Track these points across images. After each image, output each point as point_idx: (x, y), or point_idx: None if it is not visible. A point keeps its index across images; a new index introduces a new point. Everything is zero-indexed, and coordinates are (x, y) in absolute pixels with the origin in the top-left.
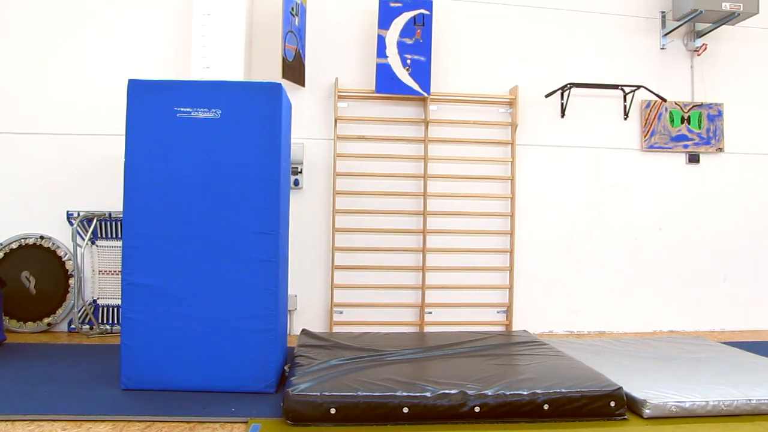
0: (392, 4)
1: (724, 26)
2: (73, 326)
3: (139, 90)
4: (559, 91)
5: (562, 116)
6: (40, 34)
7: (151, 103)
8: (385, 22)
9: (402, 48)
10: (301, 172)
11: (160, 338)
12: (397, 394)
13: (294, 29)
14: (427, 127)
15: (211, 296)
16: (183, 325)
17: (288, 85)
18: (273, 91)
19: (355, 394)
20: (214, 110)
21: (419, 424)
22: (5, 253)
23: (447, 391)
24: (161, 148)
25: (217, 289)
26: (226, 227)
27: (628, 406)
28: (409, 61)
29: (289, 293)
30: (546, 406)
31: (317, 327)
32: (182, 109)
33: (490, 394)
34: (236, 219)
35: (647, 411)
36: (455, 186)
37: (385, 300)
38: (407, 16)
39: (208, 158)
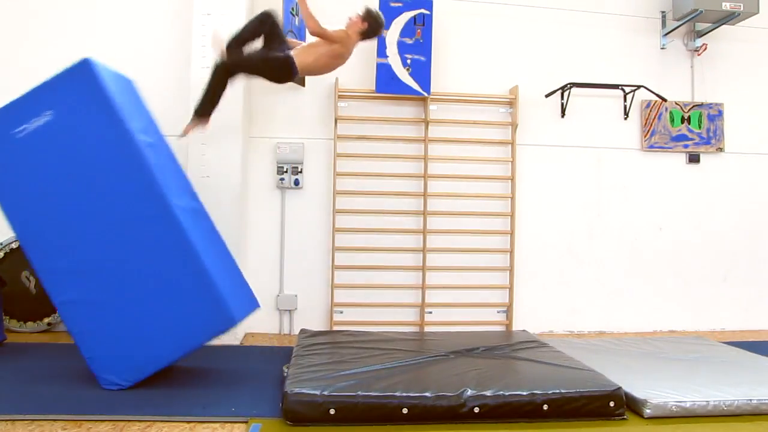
0: (392, 4)
1: (724, 26)
2: None
3: None
4: (559, 91)
5: (562, 116)
6: (39, 34)
7: None
8: (385, 22)
9: (402, 48)
10: (301, 172)
11: (115, 338)
12: (397, 394)
13: (294, 29)
14: (427, 127)
15: (136, 282)
16: (128, 318)
17: (288, 85)
18: (82, 71)
19: (354, 394)
20: (45, 114)
21: (419, 425)
22: (5, 253)
23: (446, 392)
24: (20, 176)
25: (137, 275)
26: (114, 221)
27: (628, 405)
28: (409, 61)
29: (289, 293)
30: (545, 407)
31: (317, 327)
32: (18, 129)
33: (489, 394)
34: (119, 209)
35: (648, 411)
36: (455, 186)
37: (385, 300)
38: (407, 15)
39: (65, 161)
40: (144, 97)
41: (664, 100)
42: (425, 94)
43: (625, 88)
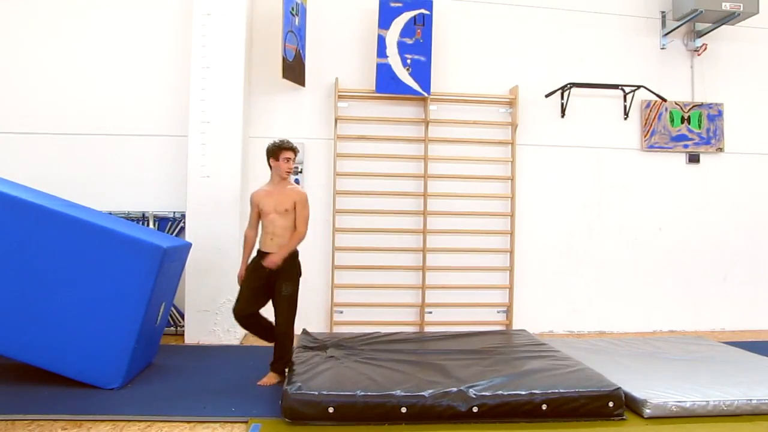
0: (392, 4)
1: (724, 26)
2: None
3: None
4: (559, 91)
5: (562, 116)
6: (40, 35)
7: None
8: (385, 22)
9: (402, 48)
10: (301, 172)
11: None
12: (396, 394)
13: (294, 29)
14: (427, 127)
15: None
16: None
17: (288, 85)
18: None
19: (353, 393)
20: None
21: (417, 424)
22: None
23: (445, 391)
24: None
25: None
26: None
27: (628, 405)
28: (409, 61)
29: None
30: (544, 406)
31: (317, 327)
32: None
33: (488, 394)
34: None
35: (648, 411)
36: (455, 186)
37: (385, 300)
38: (407, 16)
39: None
40: (144, 96)
41: (664, 100)
42: (425, 94)
43: (625, 88)
